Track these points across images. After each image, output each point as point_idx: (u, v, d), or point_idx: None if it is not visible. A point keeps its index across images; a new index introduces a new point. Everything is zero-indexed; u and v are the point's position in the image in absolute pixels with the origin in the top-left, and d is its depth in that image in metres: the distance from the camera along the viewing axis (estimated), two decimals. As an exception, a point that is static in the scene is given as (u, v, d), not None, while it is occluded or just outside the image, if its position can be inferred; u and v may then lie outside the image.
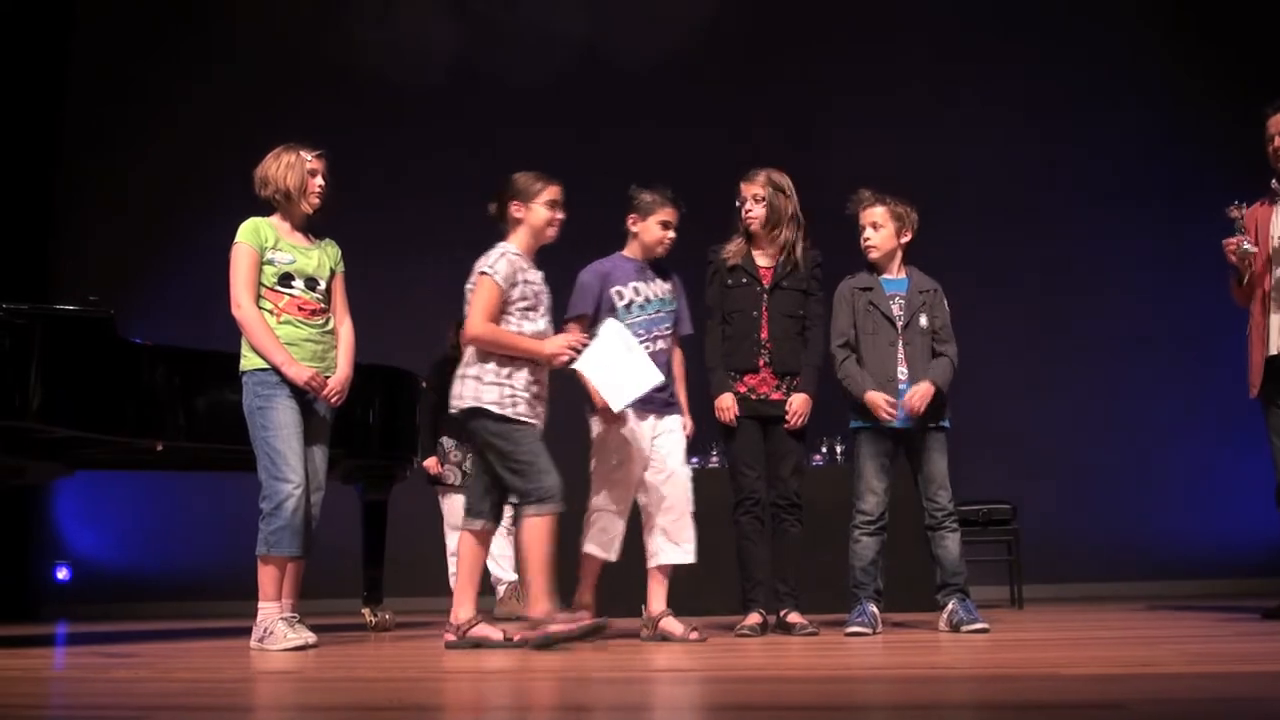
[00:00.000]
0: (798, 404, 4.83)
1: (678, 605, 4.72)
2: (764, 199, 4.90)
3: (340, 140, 5.36)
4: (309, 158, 4.74)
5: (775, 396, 4.85)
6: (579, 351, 4.43)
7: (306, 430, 4.63)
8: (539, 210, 4.51)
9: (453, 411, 4.47)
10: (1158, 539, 8.32)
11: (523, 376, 4.37)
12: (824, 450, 7.17)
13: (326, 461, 4.77)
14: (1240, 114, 5.40)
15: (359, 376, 4.92)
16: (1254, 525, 7.46)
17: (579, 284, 4.77)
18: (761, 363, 4.86)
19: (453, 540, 7.20)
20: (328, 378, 4.68)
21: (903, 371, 4.78)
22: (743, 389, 4.86)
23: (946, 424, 4.84)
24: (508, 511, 7.10)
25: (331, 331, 4.78)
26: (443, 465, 7.19)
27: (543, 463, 4.29)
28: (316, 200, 4.76)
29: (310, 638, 4.47)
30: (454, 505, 7.21)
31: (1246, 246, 4.97)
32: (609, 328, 4.55)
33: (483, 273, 4.38)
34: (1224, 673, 2.81)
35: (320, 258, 4.77)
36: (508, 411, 4.31)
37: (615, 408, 4.55)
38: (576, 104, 9.35)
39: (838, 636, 4.52)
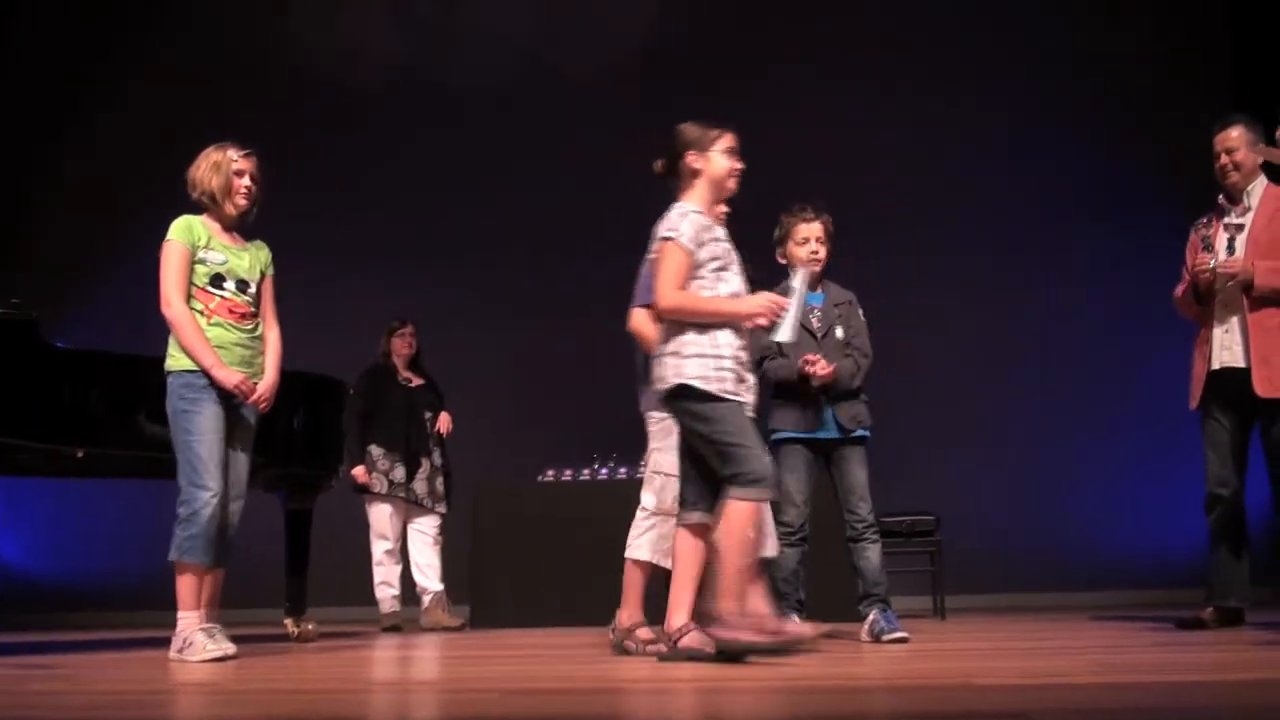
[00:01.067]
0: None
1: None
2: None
3: (281, 142, 5.32)
4: (236, 157, 4.69)
5: None
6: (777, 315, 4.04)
7: (230, 436, 4.59)
8: (718, 159, 4.09)
9: (657, 395, 4.06)
10: (1083, 550, 8.40)
11: (728, 345, 3.95)
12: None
13: (249, 469, 4.73)
14: (1165, 126, 5.53)
15: (284, 383, 4.87)
16: (1182, 536, 7.57)
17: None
18: None
19: (379, 549, 7.18)
20: (255, 383, 4.65)
21: (826, 394, 4.86)
22: None
23: (867, 435, 4.91)
24: (435, 520, 7.19)
25: (260, 336, 4.73)
26: (370, 474, 7.16)
27: (751, 441, 3.88)
28: (243, 201, 4.71)
29: (230, 649, 4.40)
30: (380, 514, 7.19)
31: (1213, 264, 5.08)
32: (800, 278, 4.22)
33: (665, 238, 3.97)
34: (1127, 683, 2.88)
35: (251, 260, 4.73)
36: (713, 388, 3.89)
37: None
38: (519, 111, 9.34)
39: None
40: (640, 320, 4.50)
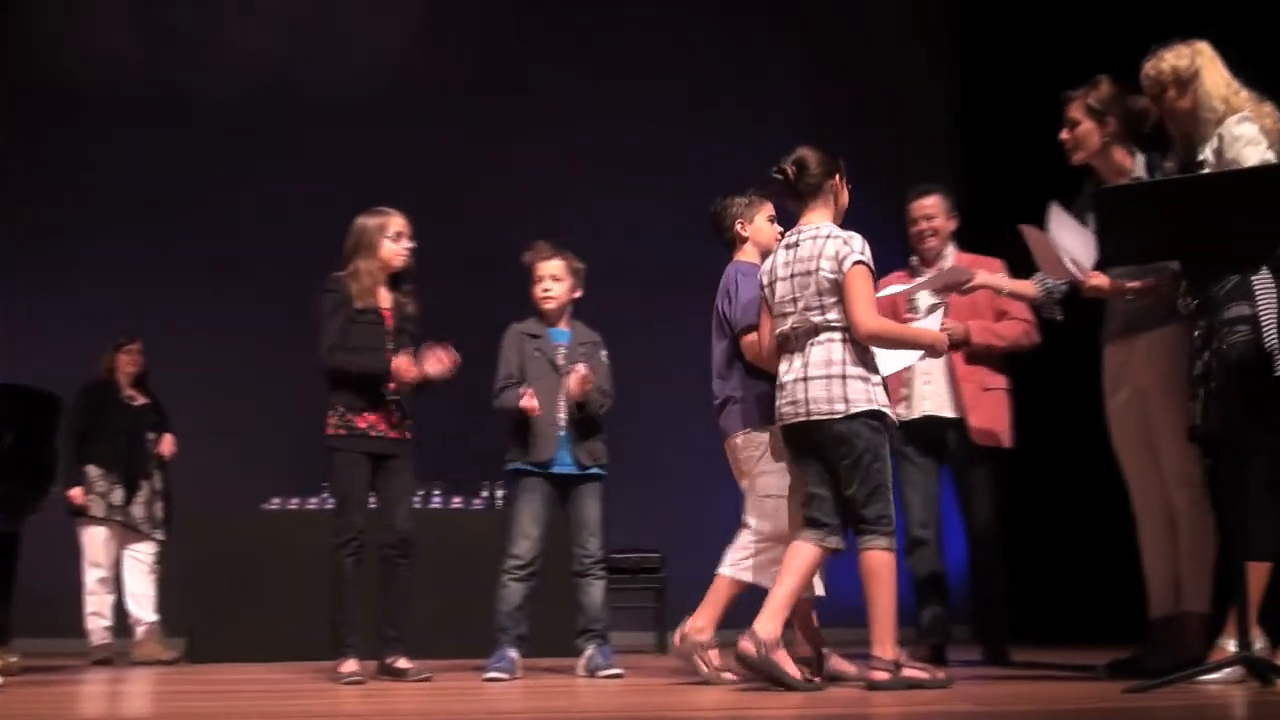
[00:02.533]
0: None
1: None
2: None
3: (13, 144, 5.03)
4: None
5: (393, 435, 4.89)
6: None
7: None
8: (845, 191, 4.11)
9: (832, 418, 3.83)
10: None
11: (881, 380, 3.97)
12: (485, 494, 7.24)
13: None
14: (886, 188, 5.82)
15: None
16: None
17: (745, 293, 4.37)
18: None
19: (91, 577, 6.88)
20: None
21: (562, 418, 4.93)
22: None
23: (603, 472, 5.00)
24: (152, 547, 6.91)
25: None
26: (86, 495, 6.85)
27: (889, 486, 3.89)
28: None
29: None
30: (94, 538, 6.89)
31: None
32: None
33: (859, 262, 3.88)
34: (827, 715, 3.03)
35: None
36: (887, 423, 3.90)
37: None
38: (261, 125, 9.10)
39: (475, 682, 4.58)
40: (751, 343, 4.34)
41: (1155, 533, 4.38)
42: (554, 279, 5.03)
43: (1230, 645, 3.72)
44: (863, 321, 3.85)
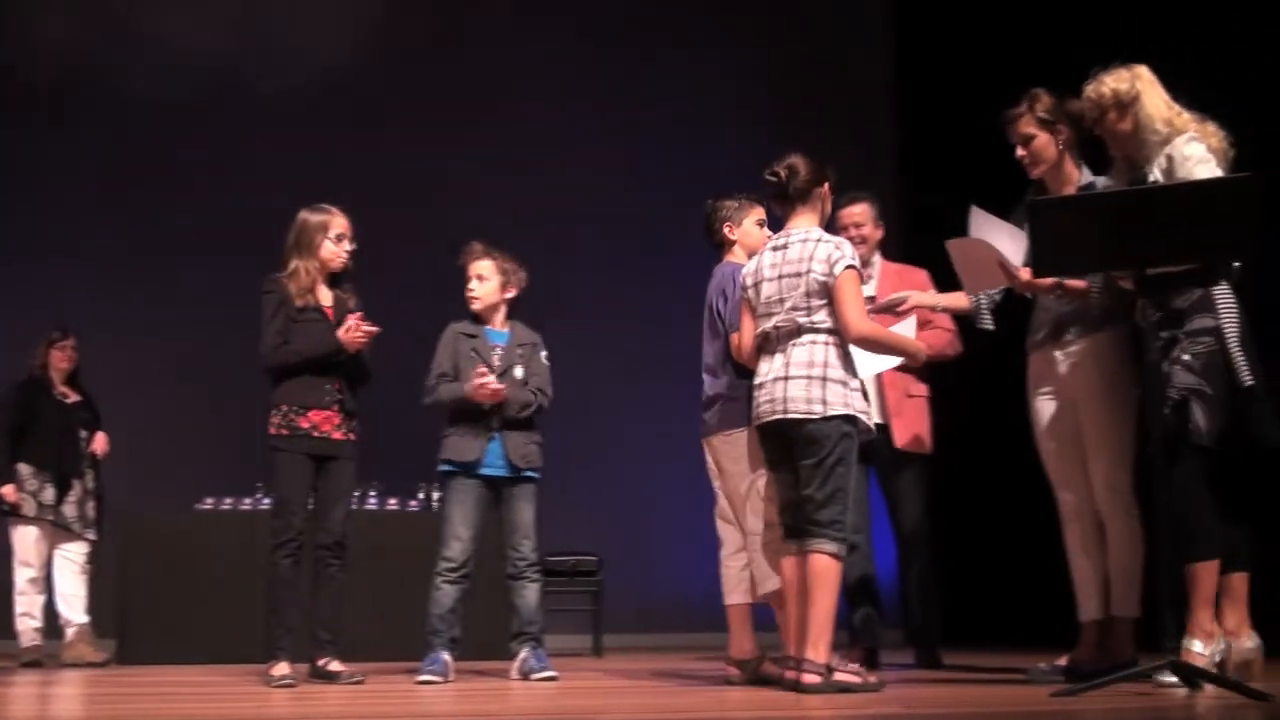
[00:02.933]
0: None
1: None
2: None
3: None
4: None
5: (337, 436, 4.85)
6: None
7: None
8: (829, 201, 4.19)
9: (809, 418, 3.85)
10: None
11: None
12: (421, 496, 7.20)
13: None
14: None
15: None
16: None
17: (739, 293, 4.31)
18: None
19: (21, 577, 6.77)
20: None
21: (497, 419, 4.91)
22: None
23: (536, 475, 4.99)
24: (84, 547, 6.81)
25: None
26: (18, 494, 6.75)
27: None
28: None
29: None
30: (25, 538, 6.78)
31: None
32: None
33: (851, 266, 3.93)
34: (747, 718, 3.05)
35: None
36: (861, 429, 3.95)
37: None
38: (193, 119, 8.94)
39: (408, 684, 4.56)
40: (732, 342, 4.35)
41: (1081, 537, 4.43)
42: (479, 278, 5.02)
43: (1196, 646, 3.79)
44: (855, 324, 3.92)
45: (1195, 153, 3.94)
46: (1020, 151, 4.43)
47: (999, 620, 7.17)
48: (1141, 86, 4.07)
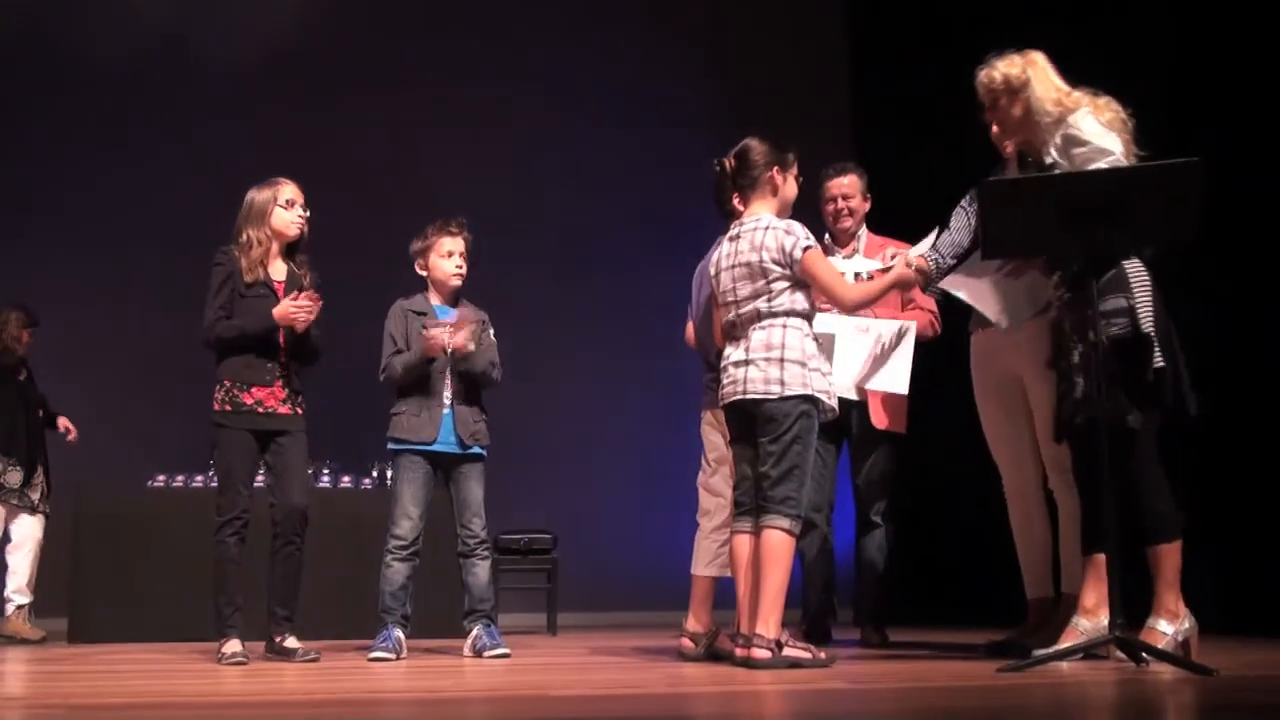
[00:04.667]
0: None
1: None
2: None
3: None
4: None
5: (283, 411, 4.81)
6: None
7: None
8: (793, 184, 4.19)
9: (767, 398, 3.92)
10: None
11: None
12: (375, 474, 7.17)
13: None
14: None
15: None
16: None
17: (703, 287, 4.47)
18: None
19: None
20: None
21: (447, 396, 4.91)
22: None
23: (484, 453, 4.98)
24: (38, 524, 6.75)
25: None
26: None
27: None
28: None
29: None
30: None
31: None
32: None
33: (808, 247, 3.98)
34: (692, 693, 3.07)
35: None
36: (823, 409, 4.00)
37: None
38: (154, 93, 8.81)
39: (360, 661, 4.55)
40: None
41: (1025, 515, 4.47)
42: (463, 256, 5.03)
43: (1161, 626, 3.86)
44: (843, 297, 4.06)
45: (1089, 127, 3.95)
46: (994, 130, 4.33)
47: (953, 599, 7.20)
48: (1033, 72, 4.10)
